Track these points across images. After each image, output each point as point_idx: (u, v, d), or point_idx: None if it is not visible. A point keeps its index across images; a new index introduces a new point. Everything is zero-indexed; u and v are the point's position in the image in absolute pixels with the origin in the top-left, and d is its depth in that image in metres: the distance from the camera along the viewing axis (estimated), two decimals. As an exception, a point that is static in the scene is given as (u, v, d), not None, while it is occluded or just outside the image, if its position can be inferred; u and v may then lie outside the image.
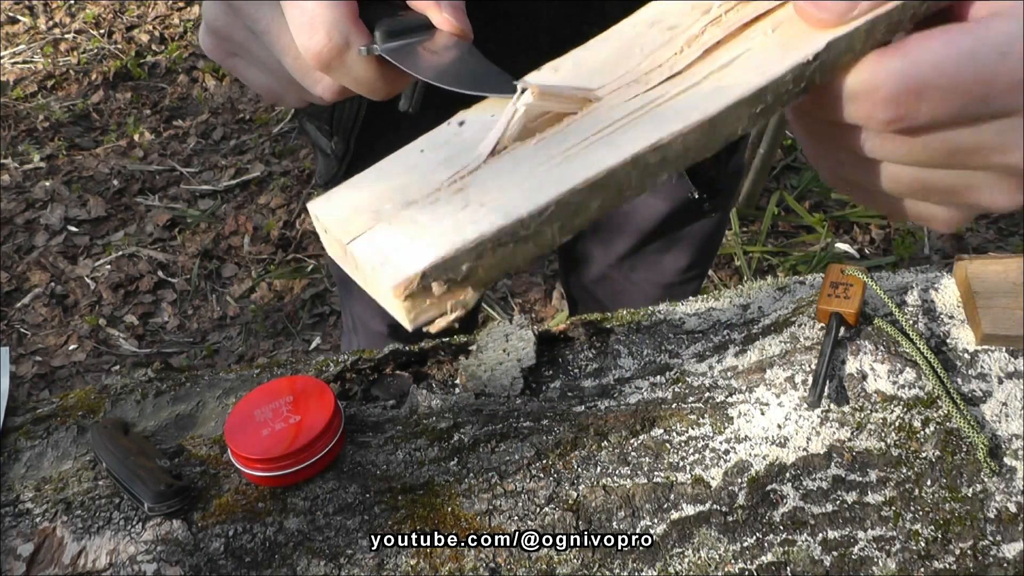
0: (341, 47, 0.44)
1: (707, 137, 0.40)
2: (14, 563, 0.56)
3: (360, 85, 0.46)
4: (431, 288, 0.35)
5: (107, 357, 2.07)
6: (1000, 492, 0.59)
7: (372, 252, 0.36)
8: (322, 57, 0.44)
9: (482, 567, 0.56)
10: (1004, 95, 0.37)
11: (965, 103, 0.37)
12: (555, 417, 0.63)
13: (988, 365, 0.63)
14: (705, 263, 1.10)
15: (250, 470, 0.58)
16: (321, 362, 0.72)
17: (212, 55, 0.53)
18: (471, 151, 0.40)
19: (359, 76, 0.45)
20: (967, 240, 2.10)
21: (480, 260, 0.36)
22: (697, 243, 1.05)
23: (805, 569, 0.57)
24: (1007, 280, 0.66)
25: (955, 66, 0.36)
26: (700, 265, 1.09)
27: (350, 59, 0.44)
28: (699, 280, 1.11)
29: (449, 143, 0.41)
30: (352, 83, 0.46)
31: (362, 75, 0.45)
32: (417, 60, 0.45)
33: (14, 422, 0.67)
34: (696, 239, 1.04)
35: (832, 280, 0.67)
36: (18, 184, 2.55)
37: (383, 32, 0.45)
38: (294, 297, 2.17)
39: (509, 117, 0.39)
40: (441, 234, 0.35)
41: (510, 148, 0.39)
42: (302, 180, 2.49)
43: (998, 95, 0.37)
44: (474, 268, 0.36)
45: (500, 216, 0.36)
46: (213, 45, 0.52)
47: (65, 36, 3.16)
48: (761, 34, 0.41)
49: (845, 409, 0.61)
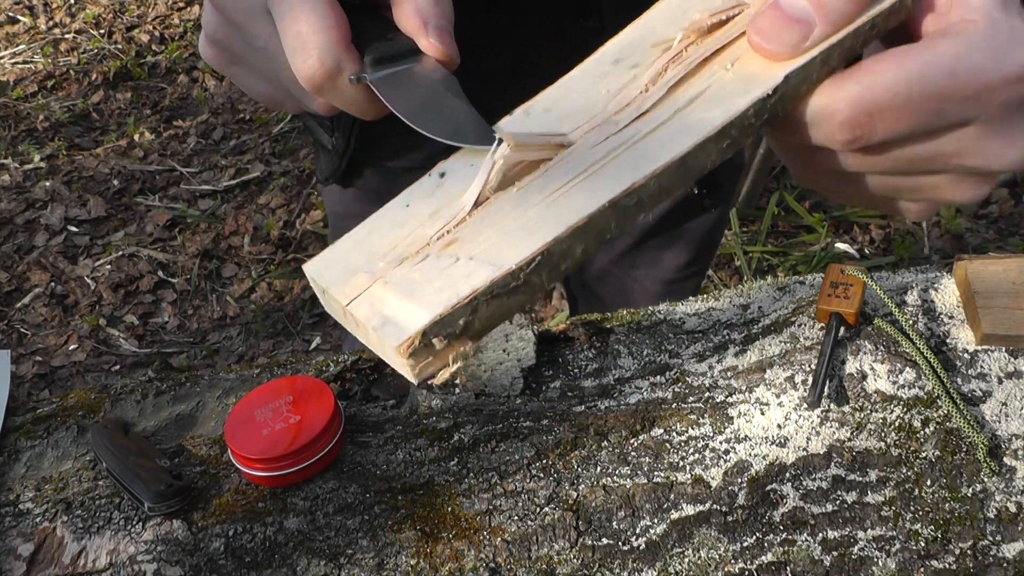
0: (332, 72, 0.45)
1: (679, 176, 0.41)
2: (14, 563, 0.56)
3: (350, 108, 0.47)
4: (432, 344, 0.37)
5: (107, 357, 2.07)
6: (1000, 492, 0.59)
7: (372, 314, 0.38)
8: (314, 81, 0.45)
9: (482, 567, 0.56)
10: (956, 109, 0.40)
11: (919, 120, 0.40)
12: (555, 417, 0.63)
13: (988, 365, 0.63)
14: (705, 260, 1.10)
15: (250, 470, 0.58)
16: (321, 362, 0.72)
17: (212, 63, 0.54)
18: (455, 203, 0.41)
19: (349, 100, 0.47)
20: (967, 240, 2.11)
21: (476, 313, 0.37)
22: (697, 240, 1.05)
23: (805, 569, 0.57)
24: (1007, 280, 0.66)
25: (907, 88, 0.39)
26: (700, 262, 1.09)
27: (340, 84, 0.45)
28: (699, 277, 1.11)
29: (433, 196, 0.42)
30: (342, 105, 0.47)
31: (352, 100, 0.47)
32: (401, 94, 0.46)
33: (14, 422, 0.67)
34: (696, 236, 1.04)
35: (832, 280, 0.67)
36: (18, 184, 2.55)
37: (372, 59, 0.46)
38: (294, 297, 2.17)
39: (488, 169, 0.41)
40: (436, 291, 0.37)
41: (492, 198, 0.41)
42: (302, 180, 2.49)
43: (950, 110, 0.40)
44: (471, 321, 0.37)
45: (491, 270, 0.37)
46: (213, 54, 0.53)
47: (65, 36, 3.16)
48: (721, 69, 0.43)
49: (845, 409, 0.61)
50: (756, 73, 0.42)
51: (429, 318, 0.36)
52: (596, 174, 0.40)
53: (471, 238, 0.39)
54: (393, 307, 0.38)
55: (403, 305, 0.37)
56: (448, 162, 0.44)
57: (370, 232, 0.42)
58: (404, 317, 0.37)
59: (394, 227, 0.41)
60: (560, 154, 0.42)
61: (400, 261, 0.39)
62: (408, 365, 0.37)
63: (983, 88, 0.39)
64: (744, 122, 0.41)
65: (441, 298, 0.37)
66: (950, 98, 0.39)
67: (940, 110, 0.40)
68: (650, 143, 0.41)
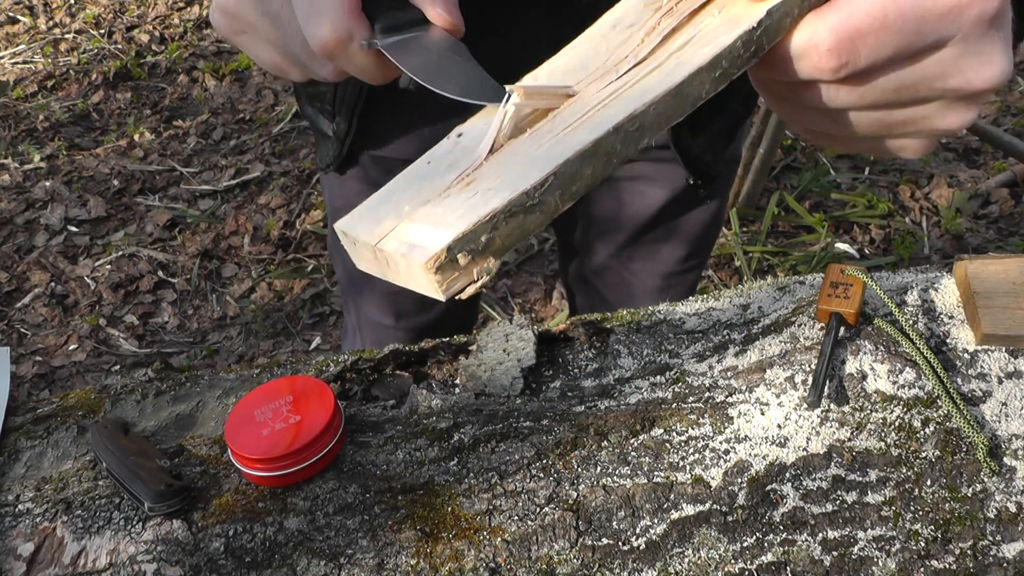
0: (344, 39, 0.47)
1: (676, 103, 0.45)
2: (14, 563, 0.56)
3: (361, 73, 0.50)
4: (457, 260, 0.40)
5: (107, 357, 2.07)
6: (1000, 492, 0.59)
7: (399, 244, 0.41)
8: (327, 47, 0.47)
9: (482, 567, 0.56)
10: (933, 28, 0.42)
11: (900, 41, 0.42)
12: (555, 417, 0.63)
13: (988, 365, 0.63)
14: (703, 253, 1.10)
15: (250, 470, 0.58)
16: (321, 362, 0.72)
17: (221, 31, 0.57)
18: (472, 154, 0.44)
19: (360, 65, 0.49)
20: (967, 240, 2.11)
21: (496, 231, 0.41)
22: (695, 233, 1.05)
23: (805, 569, 0.57)
24: (1007, 280, 0.66)
25: (883, 11, 0.41)
26: (698, 255, 1.09)
27: (352, 50, 0.48)
28: (698, 270, 1.12)
29: (451, 152, 0.45)
30: (353, 71, 0.50)
31: (363, 65, 0.49)
32: (412, 57, 0.48)
33: (14, 422, 0.67)
34: (694, 229, 1.04)
35: (832, 280, 0.67)
36: (18, 184, 2.55)
37: (382, 27, 0.49)
38: (294, 297, 2.17)
39: (501, 118, 0.45)
40: (458, 217, 0.41)
41: (506, 145, 0.44)
42: (302, 180, 2.49)
43: (927, 29, 0.42)
44: (492, 238, 0.41)
45: (508, 192, 0.41)
46: (223, 22, 0.56)
47: (65, 36, 3.16)
48: (709, 17, 0.47)
49: (845, 409, 0.61)
50: (741, 16, 0.46)
51: (453, 236, 0.39)
52: (600, 110, 0.44)
53: (488, 176, 0.43)
54: (419, 235, 0.41)
55: (428, 231, 0.41)
56: (464, 125, 0.47)
57: (393, 188, 0.45)
58: (430, 240, 0.40)
59: (416, 180, 0.44)
60: (567, 102, 0.46)
61: (424, 203, 0.42)
62: (435, 281, 0.40)
63: (955, 4, 0.42)
64: (734, 53, 0.45)
65: (463, 220, 0.40)
66: (926, 17, 0.42)
67: (918, 30, 0.42)
68: (648, 81, 0.45)
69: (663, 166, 0.95)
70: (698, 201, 1.00)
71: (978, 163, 2.38)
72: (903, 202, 2.25)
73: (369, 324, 1.13)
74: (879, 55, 0.43)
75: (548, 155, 0.42)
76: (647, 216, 1.01)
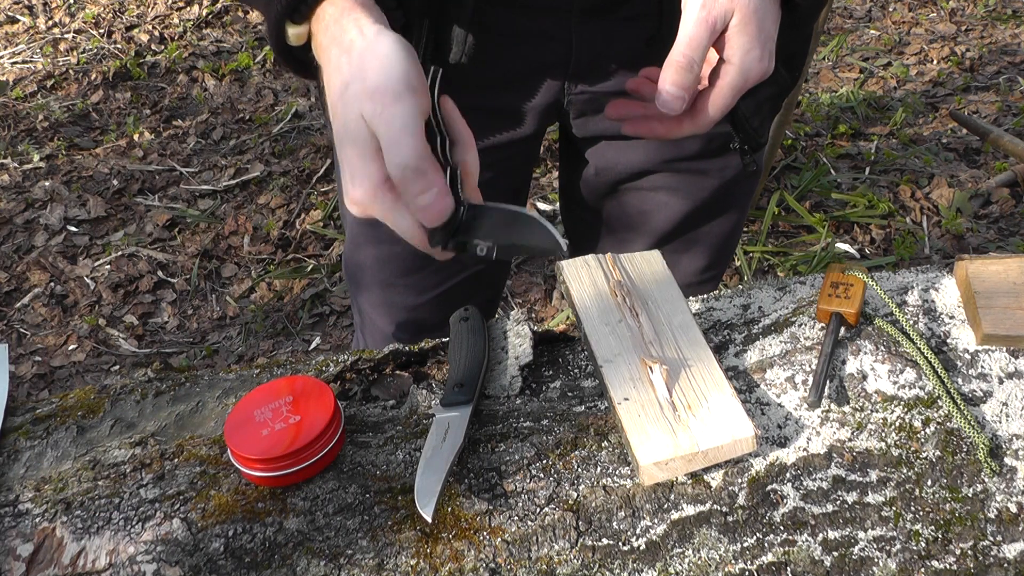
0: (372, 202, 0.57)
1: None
2: (14, 563, 0.56)
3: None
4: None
5: (107, 357, 2.07)
6: (1000, 492, 0.59)
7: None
8: (362, 207, 0.57)
9: (482, 567, 0.56)
10: (721, 7, 0.62)
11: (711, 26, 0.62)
12: (555, 417, 0.63)
13: (988, 365, 0.63)
14: (722, 263, 1.10)
15: (250, 470, 0.58)
16: (321, 362, 0.72)
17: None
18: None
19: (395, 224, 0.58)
20: (967, 240, 2.11)
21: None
22: (714, 244, 1.05)
23: (805, 569, 0.57)
24: (1007, 280, 0.66)
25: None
26: (717, 266, 1.09)
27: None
28: (716, 281, 1.11)
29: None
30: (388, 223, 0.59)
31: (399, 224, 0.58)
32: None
33: (14, 422, 0.67)
34: (713, 240, 1.04)
35: (832, 280, 0.67)
36: (18, 184, 2.55)
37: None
38: (294, 297, 2.17)
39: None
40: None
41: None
42: (302, 180, 2.49)
43: (717, 10, 0.62)
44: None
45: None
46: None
47: (65, 36, 3.16)
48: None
49: (845, 409, 0.61)
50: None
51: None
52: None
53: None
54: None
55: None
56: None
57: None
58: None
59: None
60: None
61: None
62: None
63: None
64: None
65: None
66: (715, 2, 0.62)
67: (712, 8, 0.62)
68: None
69: (686, 177, 0.95)
70: (719, 211, 1.00)
71: (978, 163, 2.38)
72: (903, 202, 2.25)
73: (371, 325, 1.13)
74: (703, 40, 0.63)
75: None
76: (668, 227, 1.00)
